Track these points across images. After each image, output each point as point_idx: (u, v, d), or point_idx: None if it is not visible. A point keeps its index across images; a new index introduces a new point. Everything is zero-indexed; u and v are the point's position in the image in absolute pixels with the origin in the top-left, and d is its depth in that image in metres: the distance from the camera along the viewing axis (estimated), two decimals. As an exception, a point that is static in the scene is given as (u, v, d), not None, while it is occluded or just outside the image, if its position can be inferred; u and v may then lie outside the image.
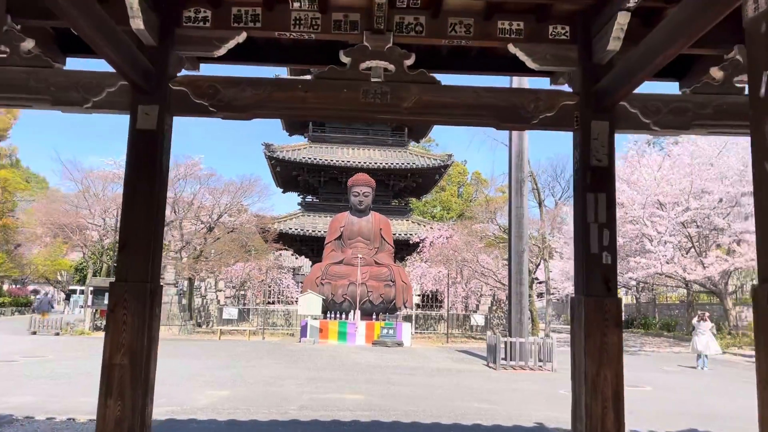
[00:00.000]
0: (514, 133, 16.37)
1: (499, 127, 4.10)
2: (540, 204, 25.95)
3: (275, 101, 4.02)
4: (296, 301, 26.14)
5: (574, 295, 4.15)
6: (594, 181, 4.01)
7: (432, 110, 4.04)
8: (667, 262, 21.66)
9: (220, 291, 37.54)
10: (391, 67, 4.08)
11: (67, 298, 46.81)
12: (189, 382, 12.15)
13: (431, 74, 4.11)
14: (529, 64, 4.17)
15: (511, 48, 4.15)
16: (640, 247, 23.57)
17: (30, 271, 49.34)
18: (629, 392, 4.20)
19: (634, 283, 34.64)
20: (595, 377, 3.80)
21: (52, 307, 53.73)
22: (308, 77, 4.18)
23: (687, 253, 24.90)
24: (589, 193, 3.99)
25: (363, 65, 4.09)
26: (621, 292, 48.64)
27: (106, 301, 16.92)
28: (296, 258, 42.15)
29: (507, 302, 31.42)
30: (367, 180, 26.12)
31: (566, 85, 4.41)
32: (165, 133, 4.06)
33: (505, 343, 15.59)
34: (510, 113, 4.03)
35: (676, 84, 4.98)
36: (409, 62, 4.11)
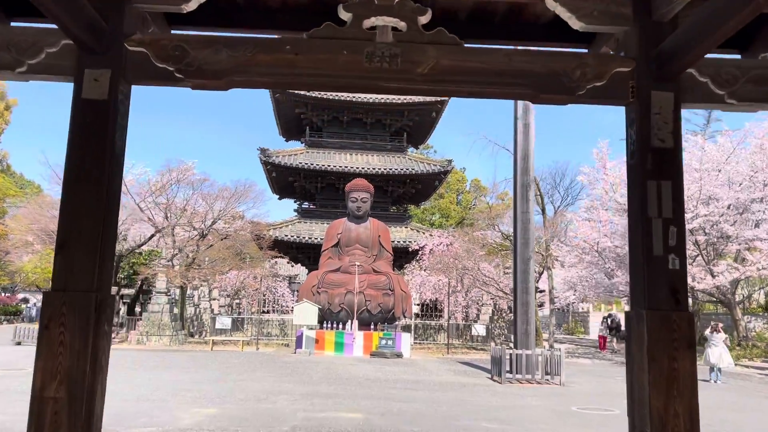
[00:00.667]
0: (520, 134, 15.61)
1: (536, 99, 3.29)
2: (543, 211, 25.20)
3: (258, 65, 3.20)
4: (292, 310, 25.22)
5: (630, 309, 3.33)
6: (656, 166, 3.20)
7: (454, 77, 3.22)
8: (676, 271, 20.84)
9: (214, 300, 36.61)
10: (402, 24, 3.28)
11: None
12: (174, 398, 11.26)
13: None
14: (573, 23, 3.37)
15: (550, 3, 3.35)
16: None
17: (20, 279, 48.28)
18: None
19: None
20: (663, 414, 2.97)
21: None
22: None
23: (693, 262, 24.13)
24: (650, 180, 3.19)
25: (367, 22, 3.29)
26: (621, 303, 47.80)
27: None
28: (292, 266, 41.28)
29: (511, 312, 30.60)
30: (366, 185, 25.31)
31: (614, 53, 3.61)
32: (119, 104, 3.24)
33: (511, 355, 14.75)
34: (550, 82, 3.22)
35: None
36: (424, 19, 3.31)
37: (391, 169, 33.05)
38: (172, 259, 26.26)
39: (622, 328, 31.26)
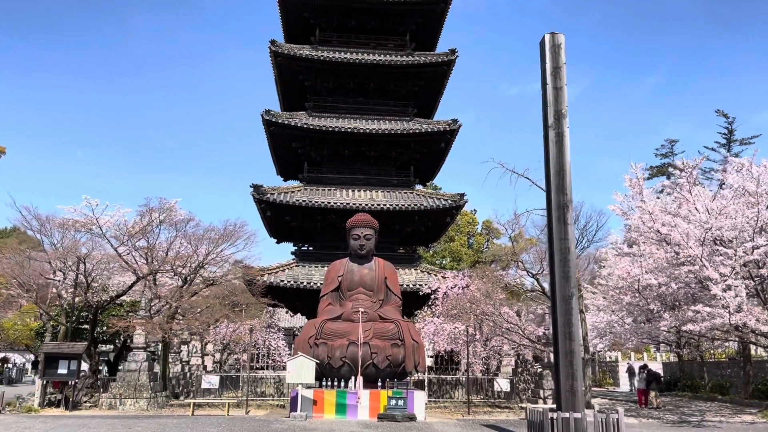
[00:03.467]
0: (551, 145, 13.25)
1: None
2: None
3: None
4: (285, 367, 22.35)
5: None
6: None
7: None
8: (737, 311, 18.06)
9: (207, 355, 33.73)
10: None
11: (34, 366, 42.90)
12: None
13: None
14: None
15: None
16: (700, 293, 20.00)
17: (1, 338, 45.71)
18: None
19: (674, 337, 30.80)
20: None
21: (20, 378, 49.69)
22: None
23: (748, 300, 21.34)
24: None
25: None
26: (658, 348, 44.42)
27: (60, 371, 12.84)
28: (291, 316, 38.48)
29: (537, 363, 27.54)
30: (369, 220, 22.81)
31: None
32: None
33: (554, 419, 11.94)
34: None
35: None
36: None
37: (397, 205, 30.70)
38: (150, 309, 23.65)
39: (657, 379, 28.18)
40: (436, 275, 30.72)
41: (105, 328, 31.96)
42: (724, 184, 21.43)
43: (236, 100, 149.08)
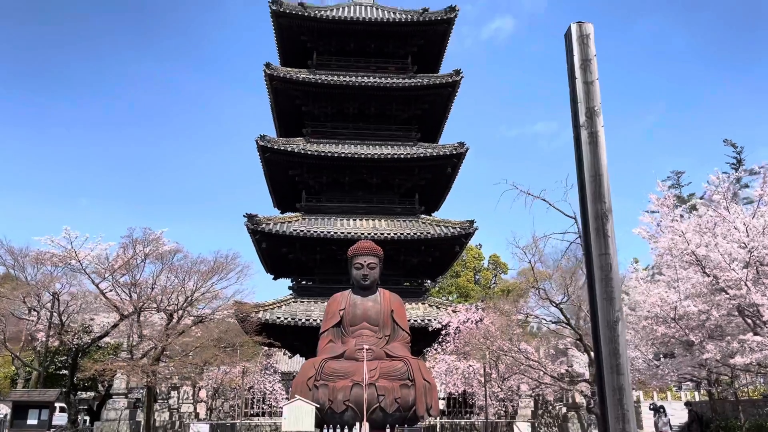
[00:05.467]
0: (585, 147, 11.58)
1: None
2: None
3: None
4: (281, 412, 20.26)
5: None
6: None
7: None
8: (791, 340, 16.19)
9: (200, 402, 31.55)
10: None
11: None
12: None
13: None
14: None
15: None
16: (744, 321, 18.13)
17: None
18: None
19: (705, 373, 28.65)
20: None
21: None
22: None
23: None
24: None
25: None
26: (689, 387, 41.99)
27: (29, 421, 10.64)
28: (289, 358, 36.38)
29: (561, 404, 25.43)
30: (373, 247, 21.04)
31: None
32: None
33: (602, 471, 9.99)
34: None
35: None
36: None
37: (402, 234, 29.04)
38: (132, 350, 21.73)
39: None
40: (446, 309, 28.82)
41: (88, 373, 29.92)
42: (757, 201, 19.76)
43: (234, 136, 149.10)
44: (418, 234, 29.12)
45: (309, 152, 30.21)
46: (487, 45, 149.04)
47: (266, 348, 28.93)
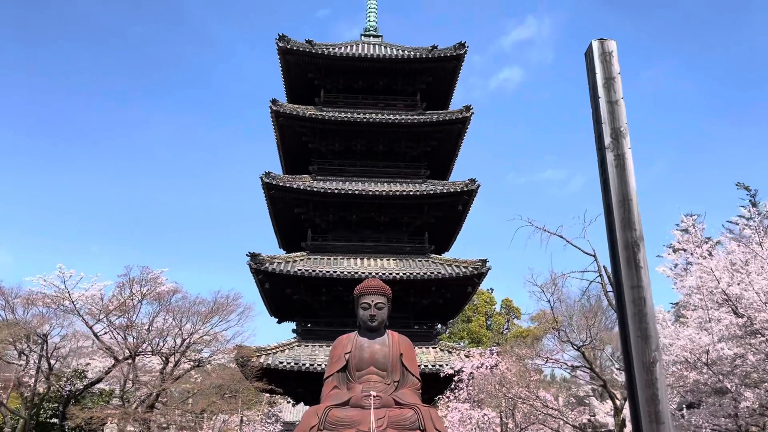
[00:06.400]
0: (611, 170, 10.67)
1: None
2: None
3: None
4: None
5: None
6: None
7: None
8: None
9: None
10: None
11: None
12: None
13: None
14: None
15: None
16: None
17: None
18: None
19: (735, 425, 26.90)
20: None
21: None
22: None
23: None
24: None
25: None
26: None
27: None
28: (293, 406, 34.88)
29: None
30: (380, 286, 19.85)
31: None
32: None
33: None
34: None
35: None
36: None
37: (412, 273, 27.98)
38: (124, 396, 20.56)
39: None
40: (458, 353, 27.49)
41: (79, 422, 28.57)
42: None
43: (241, 175, 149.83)
44: (429, 274, 28.07)
45: (315, 189, 29.52)
46: (495, 94, 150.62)
47: (268, 395, 27.58)
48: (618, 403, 19.97)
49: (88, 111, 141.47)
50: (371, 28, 37.20)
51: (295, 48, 32.07)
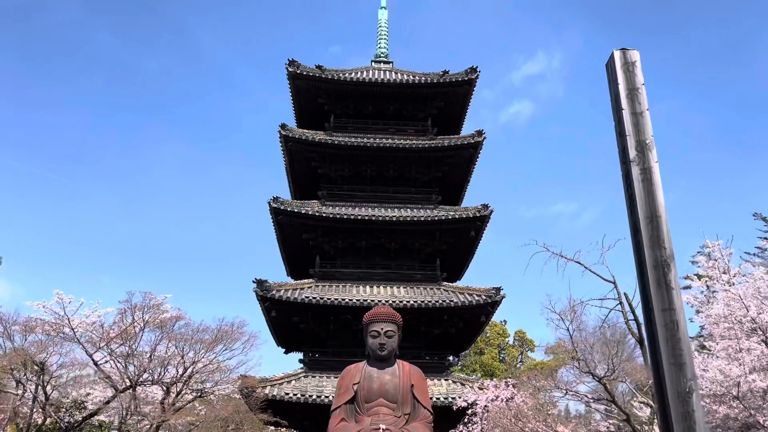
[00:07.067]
0: (636, 185, 10.04)
1: None
2: (641, 343, 18.69)
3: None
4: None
5: None
6: None
7: None
8: None
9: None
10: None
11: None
12: None
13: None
14: None
15: None
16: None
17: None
18: None
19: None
20: None
21: None
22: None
23: None
24: None
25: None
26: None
27: None
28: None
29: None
30: (390, 313, 19.12)
31: None
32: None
33: None
34: None
35: None
36: None
37: (423, 301, 27.22)
38: (124, 428, 19.82)
39: None
40: (471, 386, 26.52)
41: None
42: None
43: (248, 202, 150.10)
44: (440, 302, 27.30)
45: (324, 214, 29.04)
46: (506, 128, 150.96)
47: (273, 428, 26.67)
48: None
49: (102, 145, 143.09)
50: (382, 55, 37.14)
51: (305, 73, 31.97)
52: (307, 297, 26.90)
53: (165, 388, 20.92)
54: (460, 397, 24.99)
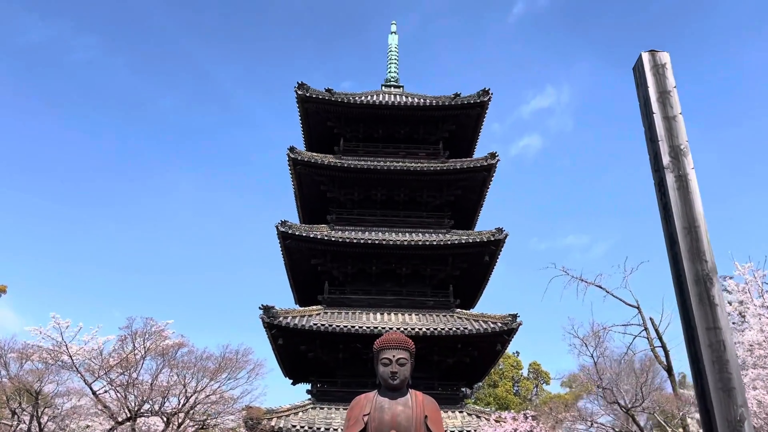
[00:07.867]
0: (671, 194, 9.28)
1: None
2: (670, 370, 17.67)
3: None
4: None
5: None
6: None
7: None
8: None
9: None
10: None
11: None
12: None
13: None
14: None
15: None
16: None
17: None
18: None
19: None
20: None
21: None
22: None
23: None
24: None
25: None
26: None
27: None
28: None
29: None
30: (403, 340, 18.25)
31: None
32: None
33: None
34: None
35: None
36: None
37: (436, 329, 26.28)
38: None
39: None
40: (487, 418, 25.38)
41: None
42: None
43: (256, 229, 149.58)
44: (454, 330, 26.35)
45: (333, 239, 28.34)
46: (515, 161, 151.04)
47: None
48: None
49: (116, 179, 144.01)
50: (392, 79, 36.89)
51: (314, 96, 31.66)
52: (315, 324, 26.04)
53: (166, 420, 20.04)
54: (476, 430, 23.93)
